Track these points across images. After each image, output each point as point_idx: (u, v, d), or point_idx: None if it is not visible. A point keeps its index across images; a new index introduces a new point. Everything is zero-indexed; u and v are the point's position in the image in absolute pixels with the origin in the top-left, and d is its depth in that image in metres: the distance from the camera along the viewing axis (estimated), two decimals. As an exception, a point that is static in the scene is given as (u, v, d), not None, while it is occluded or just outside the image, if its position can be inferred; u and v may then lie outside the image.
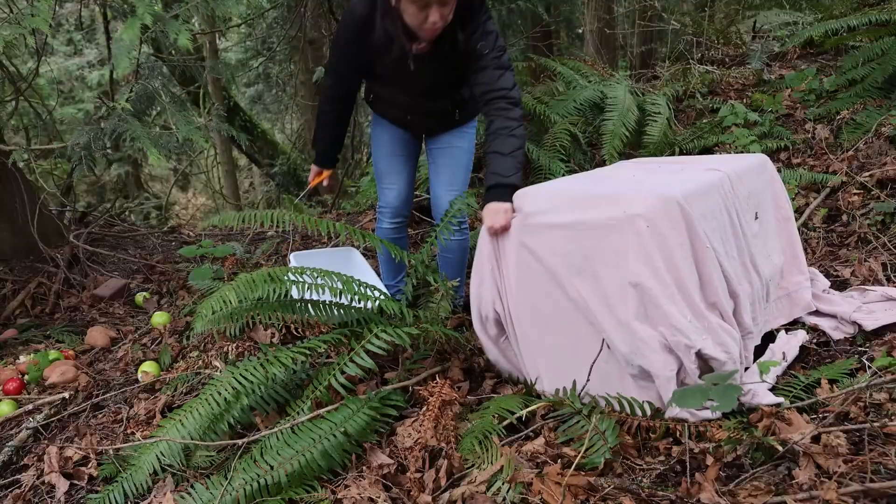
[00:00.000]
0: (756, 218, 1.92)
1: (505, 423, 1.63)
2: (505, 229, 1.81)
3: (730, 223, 1.77)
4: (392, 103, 2.31)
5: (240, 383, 1.68)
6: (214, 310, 1.73)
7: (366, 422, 1.66)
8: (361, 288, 1.94)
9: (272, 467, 1.54)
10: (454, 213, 2.13)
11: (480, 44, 1.97)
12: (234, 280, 1.80)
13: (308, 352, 1.78)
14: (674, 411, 1.55)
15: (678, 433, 1.53)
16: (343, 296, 1.91)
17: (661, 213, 1.58)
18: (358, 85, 2.35)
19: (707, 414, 1.57)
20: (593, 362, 1.65)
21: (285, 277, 1.84)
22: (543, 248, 1.73)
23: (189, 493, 1.53)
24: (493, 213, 1.83)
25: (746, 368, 1.73)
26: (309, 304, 1.98)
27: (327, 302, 2.00)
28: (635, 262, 1.57)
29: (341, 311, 2.02)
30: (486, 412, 1.68)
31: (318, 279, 1.89)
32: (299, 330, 2.28)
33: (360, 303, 1.95)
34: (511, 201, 1.84)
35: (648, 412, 1.58)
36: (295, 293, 1.89)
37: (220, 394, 1.68)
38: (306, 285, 1.86)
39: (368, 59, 2.13)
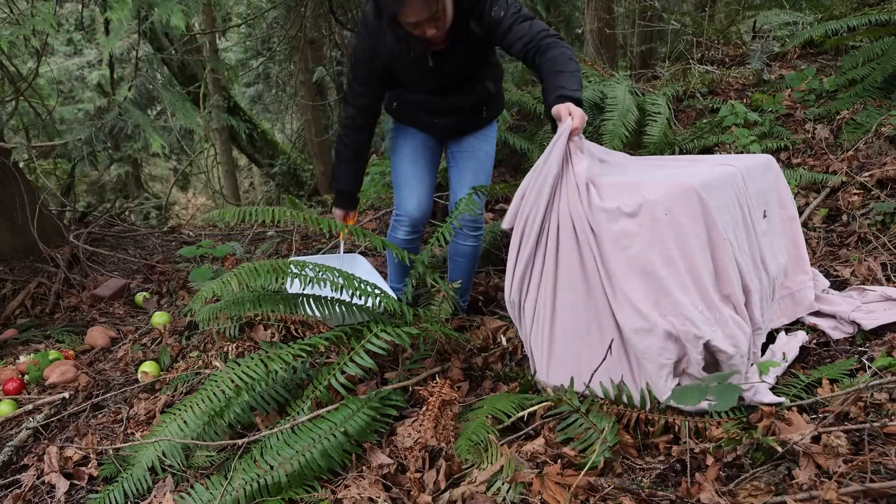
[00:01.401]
0: (765, 216, 1.93)
1: (501, 425, 1.62)
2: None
3: (742, 218, 1.77)
4: (420, 107, 2.26)
5: (241, 379, 1.68)
6: (216, 293, 1.73)
7: (366, 422, 1.66)
8: (362, 284, 1.94)
9: (272, 467, 1.54)
10: (457, 214, 2.13)
11: (494, 9, 1.95)
12: (237, 268, 1.80)
13: (309, 349, 1.77)
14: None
15: (677, 428, 1.53)
16: (344, 291, 1.91)
17: (679, 201, 1.58)
18: (381, 105, 2.28)
19: (705, 406, 1.56)
20: (604, 357, 1.65)
21: (288, 269, 1.84)
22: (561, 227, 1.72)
23: (189, 493, 1.53)
24: (578, 112, 1.72)
25: (752, 364, 1.73)
26: (310, 300, 1.98)
27: (329, 298, 2.00)
28: (649, 249, 1.57)
29: (342, 307, 2.02)
30: (480, 412, 1.67)
31: (321, 273, 1.89)
32: (299, 331, 2.28)
33: (360, 299, 1.95)
34: None
35: (648, 403, 1.59)
36: (297, 286, 1.89)
37: (220, 389, 1.68)
38: (308, 278, 1.86)
39: (388, 66, 2.11)
